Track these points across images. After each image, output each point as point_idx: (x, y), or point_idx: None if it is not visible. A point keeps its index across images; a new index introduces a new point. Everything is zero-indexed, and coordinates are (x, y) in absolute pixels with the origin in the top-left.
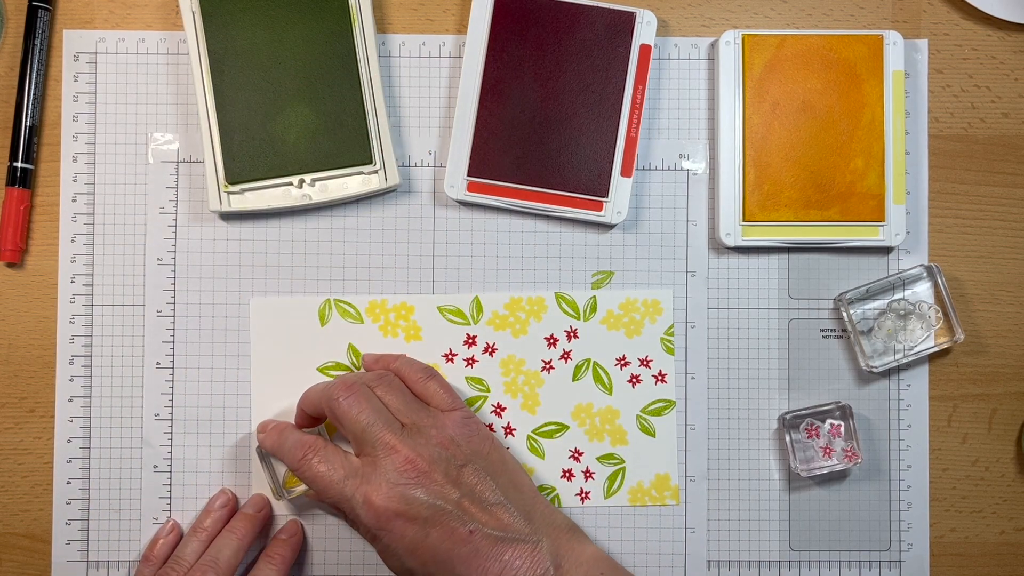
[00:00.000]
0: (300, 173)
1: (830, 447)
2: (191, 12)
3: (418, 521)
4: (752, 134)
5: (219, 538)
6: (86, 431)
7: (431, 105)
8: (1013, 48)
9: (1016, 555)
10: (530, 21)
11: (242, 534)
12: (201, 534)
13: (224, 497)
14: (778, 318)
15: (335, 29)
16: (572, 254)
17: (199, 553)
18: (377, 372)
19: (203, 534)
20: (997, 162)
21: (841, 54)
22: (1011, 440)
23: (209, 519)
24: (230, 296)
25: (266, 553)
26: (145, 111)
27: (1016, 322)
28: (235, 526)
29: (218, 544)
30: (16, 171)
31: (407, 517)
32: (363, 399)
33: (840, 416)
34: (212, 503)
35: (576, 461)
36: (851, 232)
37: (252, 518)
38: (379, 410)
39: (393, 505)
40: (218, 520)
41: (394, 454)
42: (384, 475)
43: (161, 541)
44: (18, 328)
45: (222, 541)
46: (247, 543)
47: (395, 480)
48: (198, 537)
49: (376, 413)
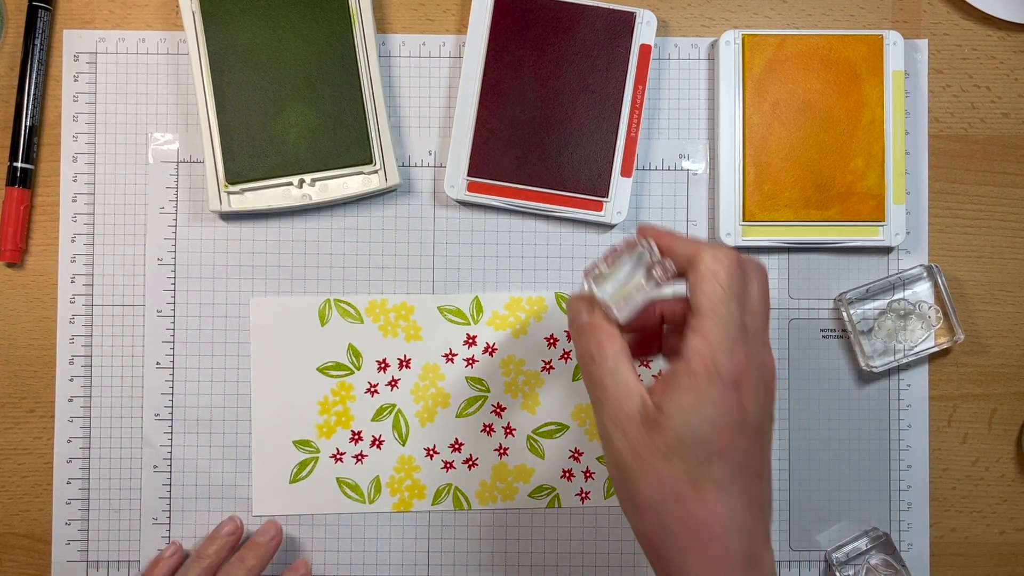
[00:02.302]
0: (300, 173)
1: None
2: (191, 12)
3: (746, 416)
4: (752, 134)
5: (228, 567)
6: (86, 431)
7: (431, 105)
8: (1013, 48)
9: (1016, 555)
10: (530, 21)
11: (251, 564)
12: (204, 560)
13: (232, 525)
14: (778, 318)
15: (335, 29)
16: (572, 254)
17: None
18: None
19: (206, 561)
20: (997, 162)
21: (841, 54)
22: (1011, 440)
23: (214, 546)
24: (230, 296)
25: (239, 555)
26: (145, 111)
27: (1016, 322)
28: (245, 556)
29: (226, 571)
30: (16, 171)
31: (743, 404)
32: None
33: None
34: (219, 529)
35: (576, 461)
36: (851, 232)
37: (263, 547)
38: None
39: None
40: (223, 548)
41: (767, 351)
42: (755, 352)
43: (162, 563)
44: (18, 328)
45: (230, 570)
46: (255, 573)
47: (760, 363)
48: (201, 564)
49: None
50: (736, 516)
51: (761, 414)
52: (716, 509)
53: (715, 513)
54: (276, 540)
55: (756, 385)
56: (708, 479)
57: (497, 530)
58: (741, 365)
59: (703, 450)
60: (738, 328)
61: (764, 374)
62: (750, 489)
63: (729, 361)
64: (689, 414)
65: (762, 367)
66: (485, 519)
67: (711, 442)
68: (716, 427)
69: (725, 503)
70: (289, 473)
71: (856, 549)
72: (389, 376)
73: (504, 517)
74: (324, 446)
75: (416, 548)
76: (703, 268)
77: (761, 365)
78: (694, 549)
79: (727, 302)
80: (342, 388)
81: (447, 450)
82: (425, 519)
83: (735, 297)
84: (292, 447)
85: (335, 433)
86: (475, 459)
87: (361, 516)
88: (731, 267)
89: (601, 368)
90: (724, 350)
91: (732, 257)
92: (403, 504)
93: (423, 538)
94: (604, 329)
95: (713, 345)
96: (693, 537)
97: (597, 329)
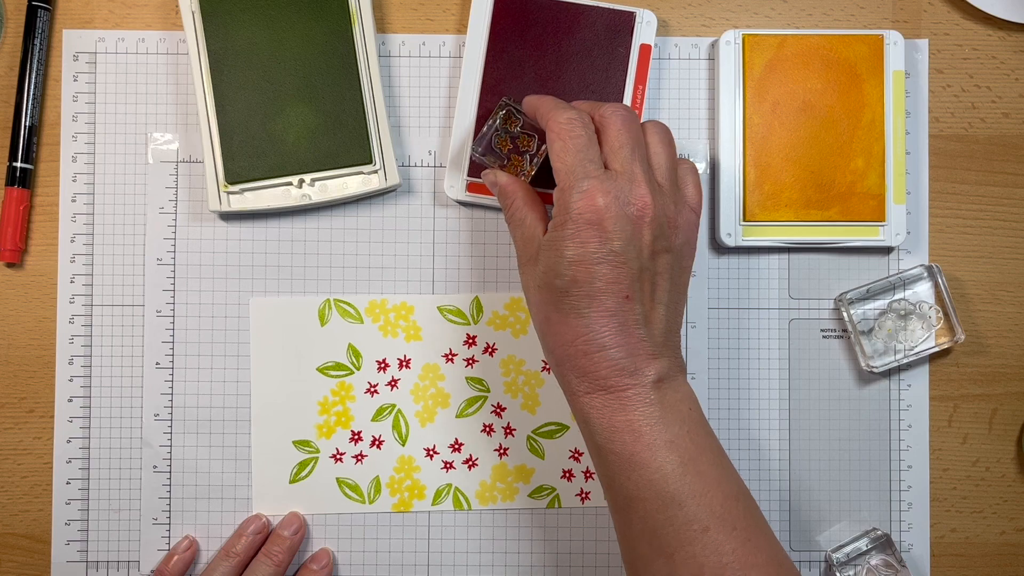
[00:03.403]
0: (300, 173)
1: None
2: (191, 12)
3: (607, 246)
4: (752, 134)
5: (255, 563)
6: (86, 431)
7: (431, 105)
8: (1013, 48)
9: (1017, 555)
10: (530, 21)
11: (279, 560)
12: (233, 559)
13: (259, 523)
14: (778, 318)
15: (335, 29)
16: None
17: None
18: (658, 123)
19: (235, 559)
20: (997, 162)
21: (841, 54)
22: (1011, 440)
23: (241, 543)
24: (230, 296)
25: (266, 550)
26: (145, 111)
27: (1016, 322)
28: (272, 550)
29: (253, 569)
30: (16, 171)
31: (605, 235)
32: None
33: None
34: (245, 527)
35: (576, 461)
36: (851, 232)
37: (288, 541)
38: (641, 142)
39: (606, 215)
40: (250, 545)
41: (637, 186)
42: (620, 190)
43: (176, 558)
44: (18, 328)
45: (258, 567)
46: (283, 569)
47: (623, 200)
48: (229, 561)
49: (640, 143)
50: (598, 335)
51: (630, 246)
52: (578, 330)
53: (577, 332)
54: (301, 532)
55: (618, 220)
56: (568, 306)
57: (497, 530)
58: (596, 204)
59: (560, 281)
60: (590, 174)
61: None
62: (618, 311)
63: (581, 202)
64: (549, 251)
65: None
66: (485, 519)
67: (566, 274)
68: (572, 262)
69: (583, 324)
70: (289, 473)
71: (856, 549)
72: (389, 376)
73: (504, 517)
74: (324, 446)
75: (416, 548)
76: (551, 126)
77: (626, 203)
78: (566, 363)
79: (572, 152)
80: (342, 388)
81: (447, 450)
82: (425, 519)
83: (581, 149)
84: (292, 447)
85: (335, 433)
86: (475, 459)
87: (361, 516)
88: (578, 124)
89: (512, 221)
90: (575, 193)
91: (579, 118)
92: (403, 504)
93: (423, 538)
94: (507, 187)
95: (564, 191)
96: (564, 353)
97: (503, 189)
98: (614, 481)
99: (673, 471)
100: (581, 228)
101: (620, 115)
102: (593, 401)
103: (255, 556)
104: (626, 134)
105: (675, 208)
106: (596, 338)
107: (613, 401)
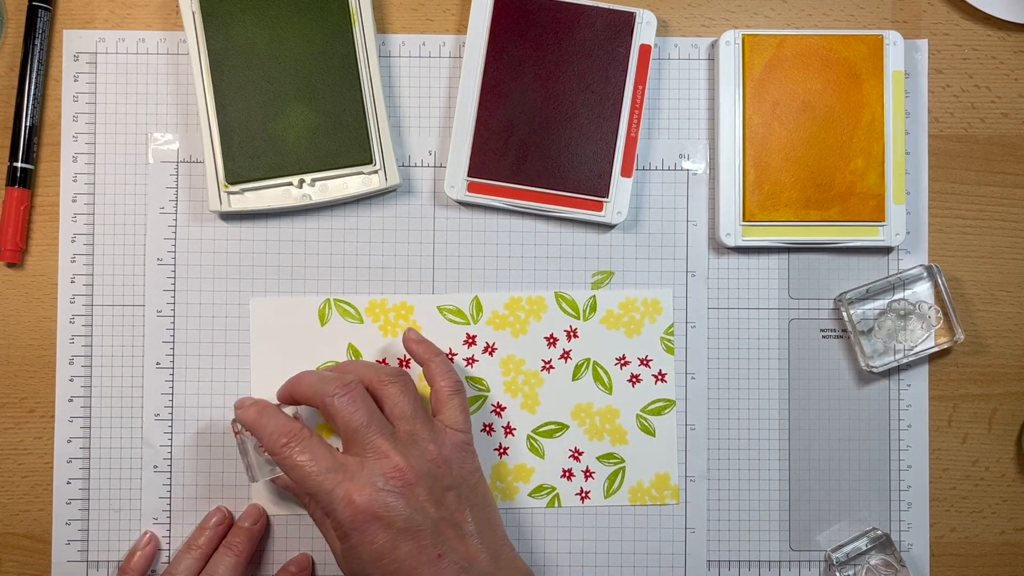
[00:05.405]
0: (300, 173)
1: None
2: (191, 12)
3: (392, 530)
4: (752, 134)
5: (216, 555)
6: (86, 431)
7: (431, 105)
8: (1013, 48)
9: (1016, 555)
10: (530, 21)
11: (239, 550)
12: (195, 551)
13: (220, 515)
14: (778, 318)
15: (335, 29)
16: (572, 254)
17: (193, 571)
18: (396, 370)
19: (197, 551)
20: (997, 162)
21: (841, 54)
22: (1011, 440)
23: (204, 536)
24: (230, 296)
25: (226, 542)
26: (145, 111)
27: (1016, 322)
28: (232, 542)
29: (214, 562)
30: (16, 171)
31: (384, 523)
32: (359, 399)
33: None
34: (207, 520)
35: (576, 461)
36: (851, 232)
37: (249, 532)
38: (373, 412)
39: (373, 507)
40: (212, 538)
41: (384, 459)
42: (370, 476)
43: (138, 554)
44: (18, 328)
45: (218, 559)
46: (244, 559)
47: (380, 484)
48: (192, 555)
49: (371, 415)
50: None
51: (413, 513)
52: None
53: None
54: (261, 523)
55: (386, 502)
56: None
57: None
58: (357, 504)
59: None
60: (334, 480)
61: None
62: (440, 572)
63: (344, 509)
64: (351, 561)
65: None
66: None
67: (376, 573)
68: (373, 561)
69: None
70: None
71: (856, 549)
72: None
73: (504, 517)
74: None
75: None
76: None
77: (383, 482)
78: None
79: (308, 465)
80: None
81: None
82: None
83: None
84: None
85: (335, 433)
86: None
87: None
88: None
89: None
90: (333, 502)
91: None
92: None
93: None
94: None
95: (322, 502)
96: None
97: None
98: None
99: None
100: (360, 530)
101: (340, 398)
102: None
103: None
104: (356, 412)
105: (435, 445)
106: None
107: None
